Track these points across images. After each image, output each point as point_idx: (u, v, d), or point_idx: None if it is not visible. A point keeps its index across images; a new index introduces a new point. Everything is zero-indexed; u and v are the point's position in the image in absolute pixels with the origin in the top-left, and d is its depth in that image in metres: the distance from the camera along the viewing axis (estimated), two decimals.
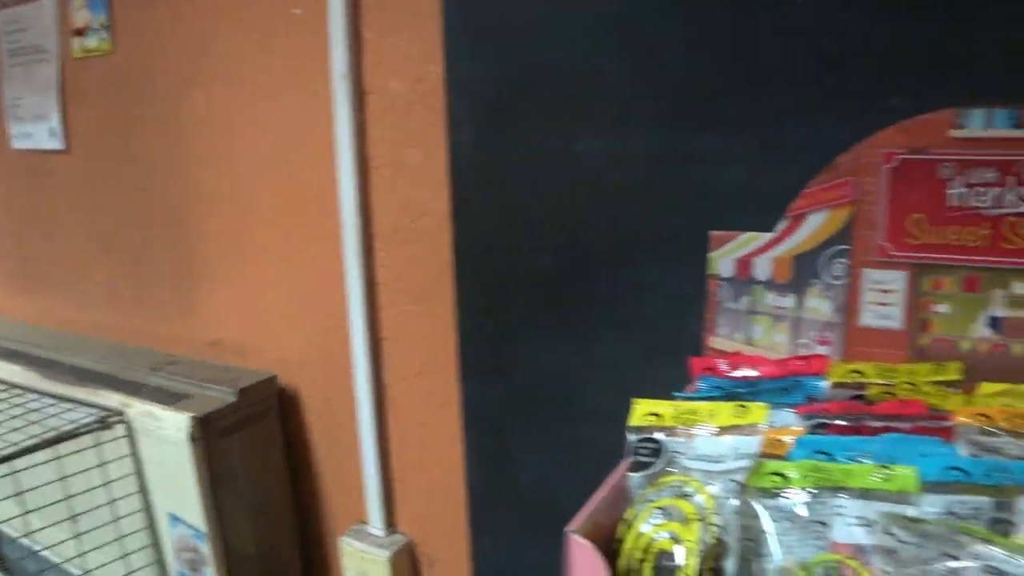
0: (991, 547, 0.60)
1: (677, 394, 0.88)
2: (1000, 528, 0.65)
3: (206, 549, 1.54)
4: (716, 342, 1.06)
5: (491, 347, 1.31)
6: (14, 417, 1.61)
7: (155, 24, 1.70)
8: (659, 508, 0.73)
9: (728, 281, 1.05)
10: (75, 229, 2.05)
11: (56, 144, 2.00)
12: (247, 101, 1.59)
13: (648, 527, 0.72)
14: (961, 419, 0.78)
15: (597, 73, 1.14)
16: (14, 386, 1.77)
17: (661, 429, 0.80)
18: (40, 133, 2.04)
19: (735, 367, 0.94)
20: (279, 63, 1.51)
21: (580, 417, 1.25)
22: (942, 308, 0.95)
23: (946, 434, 0.78)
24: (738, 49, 1.04)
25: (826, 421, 0.82)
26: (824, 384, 0.90)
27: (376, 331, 1.48)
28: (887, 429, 0.79)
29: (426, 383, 1.46)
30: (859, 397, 0.91)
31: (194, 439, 1.48)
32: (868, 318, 0.98)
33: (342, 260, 1.46)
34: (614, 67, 1.13)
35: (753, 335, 1.04)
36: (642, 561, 0.71)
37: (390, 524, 1.59)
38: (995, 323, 0.93)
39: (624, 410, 0.83)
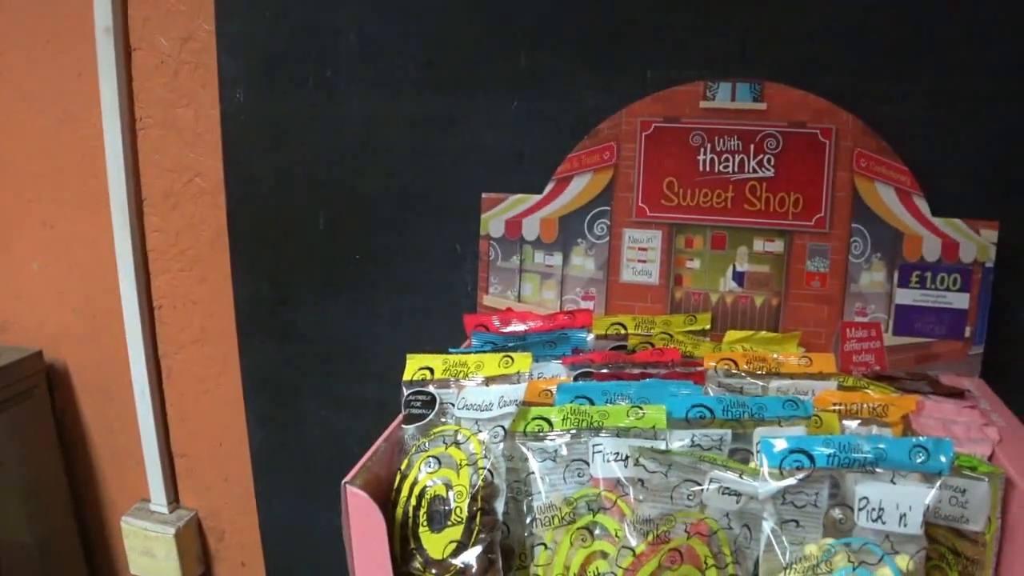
0: (727, 472, 0.66)
1: (452, 350, 0.91)
2: (739, 456, 0.72)
3: None
4: (489, 299, 1.10)
5: (271, 309, 1.30)
6: None
7: None
8: (432, 457, 0.76)
9: (499, 241, 1.09)
10: None
11: None
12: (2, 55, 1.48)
13: (422, 475, 0.75)
14: (710, 363, 0.85)
15: (363, 35, 1.15)
16: None
17: (433, 382, 0.83)
18: None
19: (506, 323, 0.98)
20: (32, 14, 1.42)
21: (362, 376, 1.27)
22: (694, 264, 1.03)
23: (698, 378, 0.85)
24: (503, 15, 1.08)
25: (590, 370, 0.87)
26: (589, 336, 0.95)
27: (149, 299, 1.43)
28: (645, 375, 0.86)
29: (205, 350, 1.43)
30: (621, 347, 0.98)
31: None
32: (628, 274, 1.05)
33: (111, 225, 1.40)
34: (381, 29, 1.15)
35: (523, 292, 1.09)
36: (416, 508, 0.74)
37: (174, 499, 1.55)
38: (739, 277, 1.02)
39: (402, 368, 0.85)
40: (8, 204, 1.55)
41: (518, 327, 0.98)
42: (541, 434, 0.74)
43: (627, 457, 0.70)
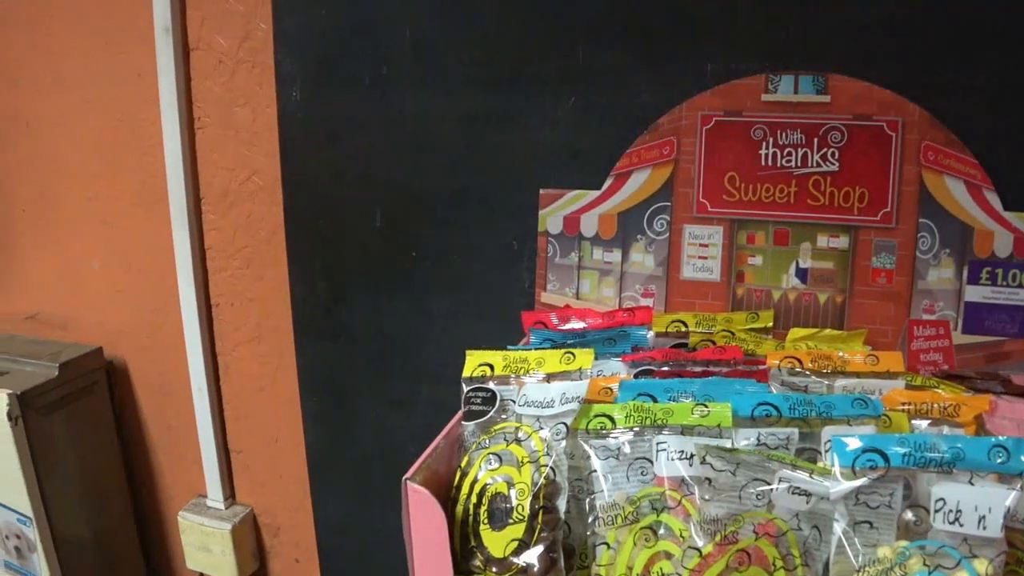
0: (797, 471, 0.65)
1: (511, 347, 0.90)
2: (807, 455, 0.70)
3: (33, 534, 1.47)
4: (546, 296, 1.09)
5: (326, 307, 1.30)
6: None
7: None
8: (493, 454, 0.75)
9: (557, 237, 1.08)
10: None
11: None
12: (55, 56, 1.50)
13: (482, 472, 0.74)
14: (773, 362, 0.83)
15: (418, 32, 1.15)
16: None
17: (493, 378, 0.82)
18: None
19: (564, 320, 0.97)
20: (92, 15, 1.43)
21: (417, 374, 1.26)
22: (756, 260, 1.01)
23: (760, 376, 0.83)
24: (558, 10, 1.07)
25: (651, 368, 0.86)
26: (649, 334, 0.94)
27: (207, 297, 1.45)
28: (706, 373, 0.84)
29: (261, 348, 1.43)
30: (681, 345, 0.96)
31: (14, 418, 1.40)
32: (689, 271, 1.03)
33: (169, 224, 1.42)
34: (436, 26, 1.14)
35: (581, 289, 1.08)
36: (477, 506, 0.73)
37: (230, 495, 1.56)
38: (802, 273, 1.00)
39: (460, 366, 0.84)
40: (68, 203, 1.57)
41: (577, 324, 0.97)
42: (604, 431, 0.73)
43: (692, 455, 0.68)
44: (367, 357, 1.29)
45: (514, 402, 0.78)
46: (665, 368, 0.86)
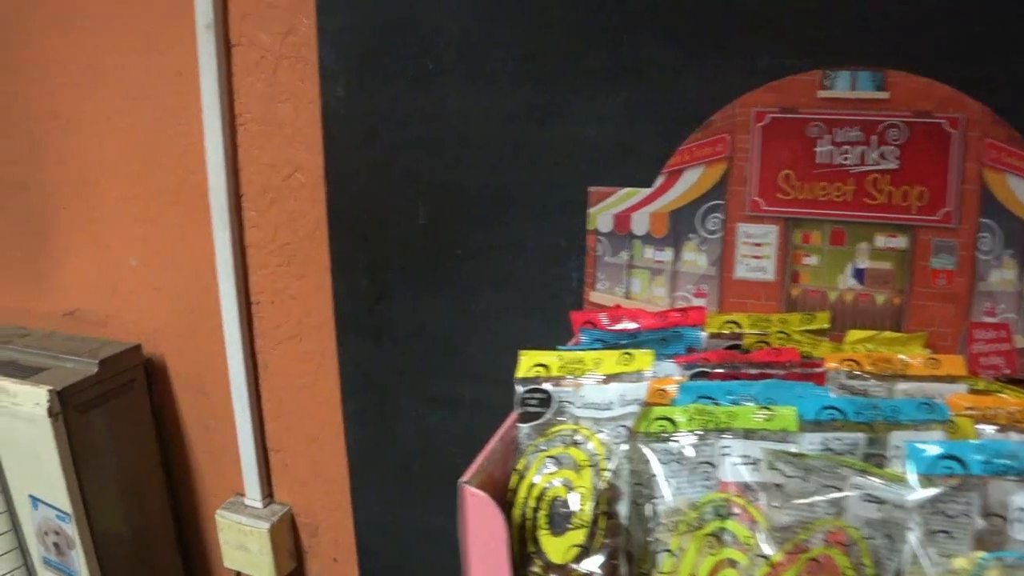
0: (869, 478, 0.63)
1: (560, 347, 0.88)
2: (873, 461, 0.68)
3: (72, 531, 1.47)
4: (595, 296, 1.08)
5: (369, 306, 1.29)
6: None
7: None
8: (551, 457, 0.73)
9: (607, 236, 1.06)
10: None
11: None
12: (95, 54, 1.50)
13: (540, 476, 0.73)
14: (831, 365, 0.81)
15: (463, 28, 1.13)
16: None
17: (548, 379, 0.80)
18: None
19: (615, 320, 0.95)
20: (132, 12, 1.43)
21: (461, 374, 1.25)
22: (811, 260, 0.99)
23: (818, 379, 0.81)
24: (604, 4, 1.05)
25: (705, 370, 0.84)
26: (702, 335, 0.92)
27: (247, 294, 1.44)
28: (762, 376, 0.82)
29: (302, 346, 1.42)
30: (735, 347, 0.94)
31: (54, 414, 1.40)
32: (742, 271, 1.01)
33: (209, 221, 1.41)
34: (481, 21, 1.12)
35: (632, 288, 1.06)
36: (536, 510, 0.71)
37: (268, 494, 1.55)
38: (859, 274, 0.97)
39: (504, 366, 0.83)
40: (108, 201, 1.57)
41: (628, 324, 0.95)
42: (665, 435, 0.71)
43: (758, 460, 0.67)
44: (409, 356, 1.28)
45: (571, 404, 0.77)
46: (720, 370, 0.84)
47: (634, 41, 1.05)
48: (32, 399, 1.41)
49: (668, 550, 0.68)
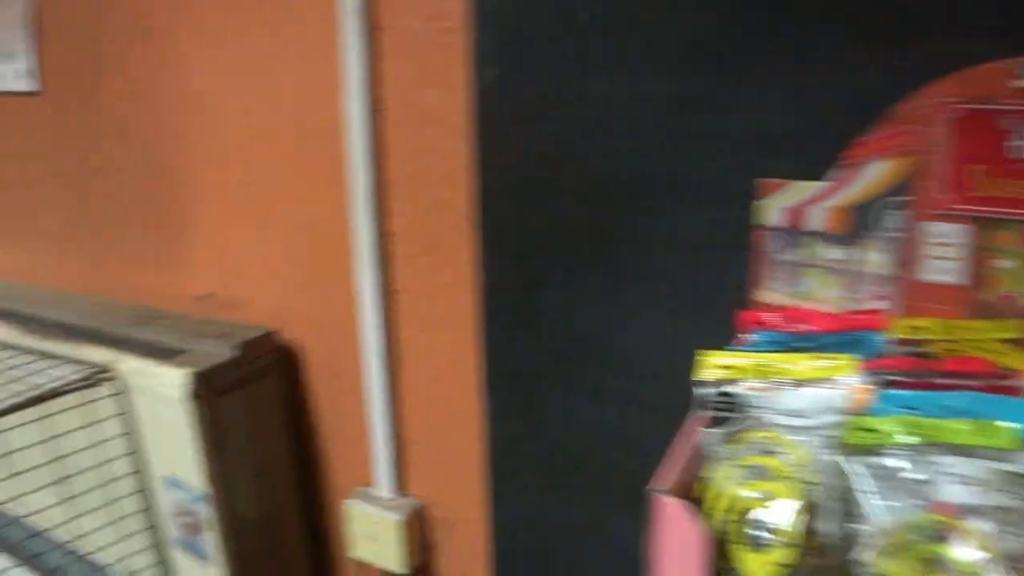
0: None
1: (729, 348, 0.84)
2: None
3: (206, 513, 1.48)
4: (764, 295, 1.02)
5: (514, 297, 1.26)
6: None
7: None
8: (745, 466, 0.69)
9: (777, 231, 1.01)
10: (46, 179, 1.95)
11: (26, 85, 1.89)
12: (232, 37, 1.50)
13: (735, 486, 0.68)
14: None
15: (622, 10, 1.09)
16: None
17: (733, 382, 0.76)
18: (6, 73, 1.93)
19: (791, 321, 0.90)
20: None
21: (612, 369, 1.20)
22: (1005, 263, 0.92)
23: (1017, 392, 0.75)
24: None
25: (892, 378, 0.79)
26: (886, 340, 0.86)
27: (388, 283, 1.42)
28: (954, 386, 0.77)
29: (443, 336, 1.40)
30: (920, 354, 0.88)
31: (195, 396, 1.41)
32: (927, 272, 0.95)
33: (349, 208, 1.40)
34: (641, 4, 1.07)
35: (804, 288, 1.01)
36: (731, 522, 0.67)
37: (401, 486, 1.54)
38: None
39: (656, 361, 0.79)
40: (247, 186, 1.58)
41: (804, 326, 0.90)
42: (873, 448, 0.66)
43: (984, 481, 0.61)
44: (557, 349, 1.24)
45: (765, 410, 0.72)
46: (907, 379, 0.79)
47: (806, 26, 0.99)
48: (172, 381, 1.42)
49: (879, 574, 0.63)
